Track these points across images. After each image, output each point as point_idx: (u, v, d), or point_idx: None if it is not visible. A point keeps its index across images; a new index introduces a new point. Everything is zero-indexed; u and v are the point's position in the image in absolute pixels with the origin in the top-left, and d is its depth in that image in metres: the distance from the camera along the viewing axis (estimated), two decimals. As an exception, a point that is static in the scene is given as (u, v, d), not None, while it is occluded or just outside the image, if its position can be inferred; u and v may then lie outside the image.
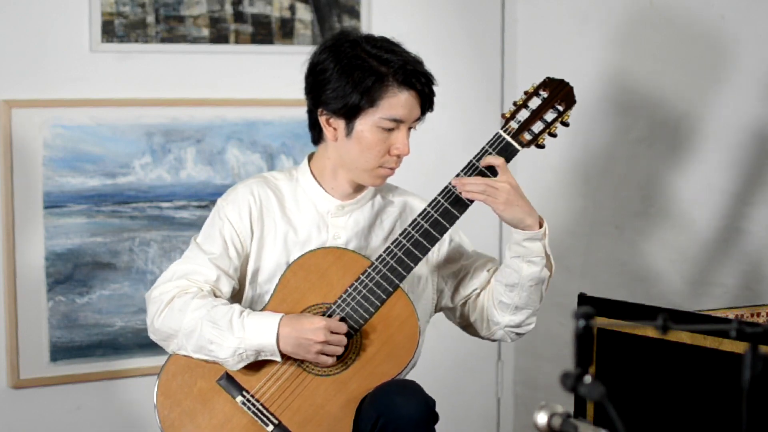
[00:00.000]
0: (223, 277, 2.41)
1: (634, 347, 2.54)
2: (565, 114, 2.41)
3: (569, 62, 3.63)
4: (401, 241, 2.35)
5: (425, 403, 2.32)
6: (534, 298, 2.43)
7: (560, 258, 3.69)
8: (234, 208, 2.45)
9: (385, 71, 2.33)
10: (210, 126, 3.36)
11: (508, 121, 2.39)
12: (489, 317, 2.49)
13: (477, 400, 3.87)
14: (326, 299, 2.37)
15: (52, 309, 3.20)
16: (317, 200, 2.47)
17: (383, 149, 2.37)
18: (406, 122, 2.37)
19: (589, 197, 3.59)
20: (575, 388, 1.49)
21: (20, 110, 3.14)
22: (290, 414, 2.35)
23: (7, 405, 3.18)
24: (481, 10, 3.78)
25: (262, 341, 2.30)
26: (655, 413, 2.51)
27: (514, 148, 2.39)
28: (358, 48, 2.36)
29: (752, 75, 3.08)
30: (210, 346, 2.32)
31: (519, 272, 2.39)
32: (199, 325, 2.32)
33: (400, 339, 2.36)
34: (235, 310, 2.33)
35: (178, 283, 2.40)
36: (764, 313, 2.70)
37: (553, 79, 2.41)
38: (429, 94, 2.39)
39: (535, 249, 2.37)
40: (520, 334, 2.51)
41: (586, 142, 3.60)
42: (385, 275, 2.34)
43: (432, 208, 2.35)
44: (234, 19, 3.38)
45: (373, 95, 2.32)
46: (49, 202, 3.19)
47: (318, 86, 2.39)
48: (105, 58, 3.24)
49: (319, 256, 2.39)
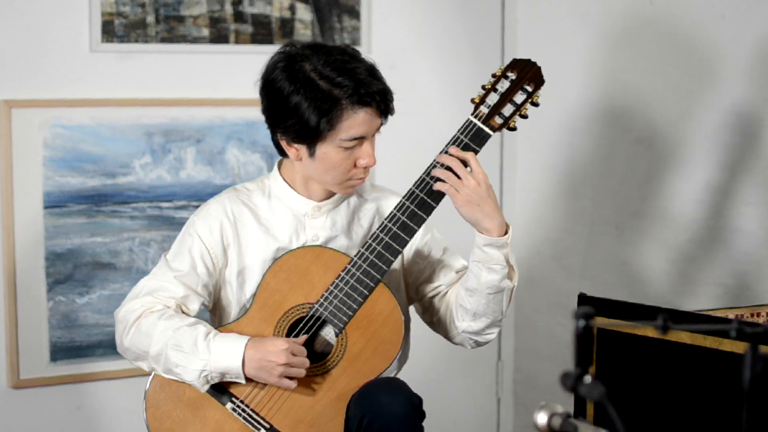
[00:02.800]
0: (191, 294, 2.40)
1: (634, 347, 2.54)
2: (535, 94, 2.38)
3: (569, 62, 3.63)
4: (379, 235, 2.34)
5: (410, 401, 2.31)
6: (493, 307, 2.39)
7: (560, 258, 3.71)
8: (205, 224, 2.43)
9: (338, 95, 2.28)
10: (210, 126, 3.36)
11: (477, 106, 2.37)
12: (451, 319, 2.46)
13: (477, 400, 3.87)
14: (308, 299, 2.36)
15: (52, 309, 3.20)
16: (292, 204, 2.45)
17: (349, 164, 2.35)
18: (368, 137, 2.35)
19: (589, 197, 3.59)
20: (575, 388, 1.49)
21: (20, 110, 3.14)
22: (281, 416, 2.35)
23: (7, 405, 3.18)
24: (481, 10, 3.78)
25: (228, 364, 2.29)
26: (655, 413, 2.51)
27: (486, 133, 2.36)
28: (308, 66, 2.31)
29: (752, 75, 3.08)
30: (176, 369, 2.32)
31: (478, 278, 2.36)
32: (164, 349, 2.32)
33: (386, 333, 2.35)
34: (199, 333, 2.31)
35: (144, 301, 2.39)
36: (764, 313, 2.70)
37: (519, 60, 2.39)
38: (387, 105, 2.35)
39: (495, 256, 2.33)
40: (480, 342, 2.47)
41: (586, 141, 3.60)
42: (366, 271, 2.33)
43: (407, 200, 2.34)
44: (234, 19, 3.38)
45: (331, 120, 2.29)
46: (49, 202, 3.19)
47: (273, 109, 2.36)
48: (105, 58, 3.24)
49: (298, 256, 2.38)
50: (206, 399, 2.36)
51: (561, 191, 3.69)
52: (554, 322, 3.69)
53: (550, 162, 3.72)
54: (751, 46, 3.07)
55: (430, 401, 3.76)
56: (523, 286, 3.83)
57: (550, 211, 3.73)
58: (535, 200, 3.77)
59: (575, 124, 3.63)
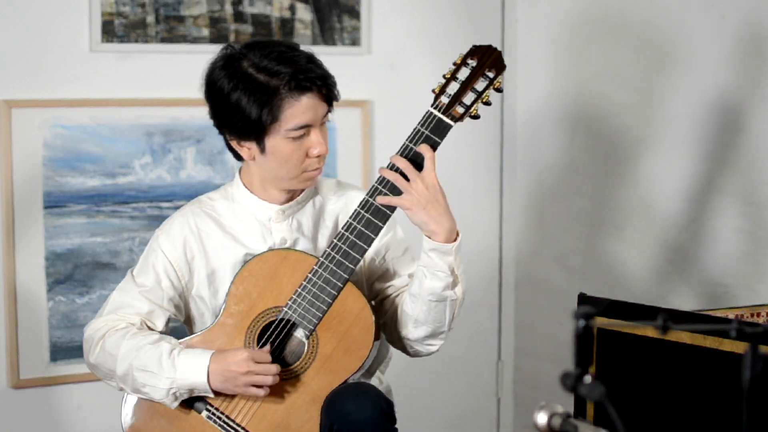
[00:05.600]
0: (156, 309, 2.41)
1: (634, 347, 2.54)
2: (496, 80, 2.33)
3: (569, 62, 3.64)
4: (344, 233, 2.31)
5: (378, 407, 2.27)
6: (434, 316, 2.34)
7: (560, 258, 3.72)
8: (168, 238, 2.43)
9: (276, 84, 2.26)
10: (210, 126, 3.30)
11: (438, 96, 2.32)
12: (395, 322, 2.42)
13: (477, 400, 3.87)
14: (278, 302, 2.35)
15: (52, 309, 3.20)
16: (256, 210, 2.43)
17: (301, 155, 2.33)
18: (315, 124, 2.33)
19: (588, 197, 3.59)
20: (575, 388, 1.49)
21: (20, 110, 3.14)
22: (256, 422, 2.34)
23: (7, 405, 3.18)
24: (481, 10, 3.78)
25: (194, 380, 2.30)
26: (655, 413, 2.51)
27: (447, 124, 2.31)
28: (245, 63, 2.30)
29: (753, 75, 3.08)
30: (144, 389, 2.33)
31: (421, 283, 2.32)
32: (129, 370, 2.32)
33: (356, 333, 2.33)
34: (163, 351, 2.31)
35: (108, 319, 2.40)
36: (764, 313, 2.70)
37: (479, 46, 2.35)
38: (329, 89, 2.32)
39: (439, 263, 2.29)
40: (420, 352, 2.43)
41: (586, 141, 3.60)
42: (333, 271, 2.31)
43: (371, 197, 2.31)
44: (234, 19, 3.38)
45: (272, 111, 2.27)
46: (49, 202, 3.19)
47: (217, 109, 2.35)
48: (105, 58, 3.24)
49: (265, 260, 2.37)
50: (183, 408, 2.36)
51: (561, 191, 3.69)
52: (554, 322, 3.69)
53: (551, 162, 3.72)
54: (751, 45, 3.07)
55: (430, 401, 3.78)
56: (523, 286, 3.85)
57: (550, 211, 3.73)
58: (536, 200, 3.77)
59: (575, 124, 3.63)
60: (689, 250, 3.26)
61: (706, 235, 3.21)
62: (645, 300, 3.14)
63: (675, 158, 3.29)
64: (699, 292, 3.22)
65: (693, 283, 3.25)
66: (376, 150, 3.60)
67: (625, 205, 3.47)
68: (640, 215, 3.41)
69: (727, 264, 3.16)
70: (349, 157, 3.55)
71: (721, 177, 3.17)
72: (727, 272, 3.15)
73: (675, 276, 3.31)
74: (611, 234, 3.52)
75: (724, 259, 3.17)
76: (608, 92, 3.53)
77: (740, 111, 3.12)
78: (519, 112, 3.82)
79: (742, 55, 3.10)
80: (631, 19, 3.43)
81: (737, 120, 3.12)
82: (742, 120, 3.11)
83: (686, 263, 3.27)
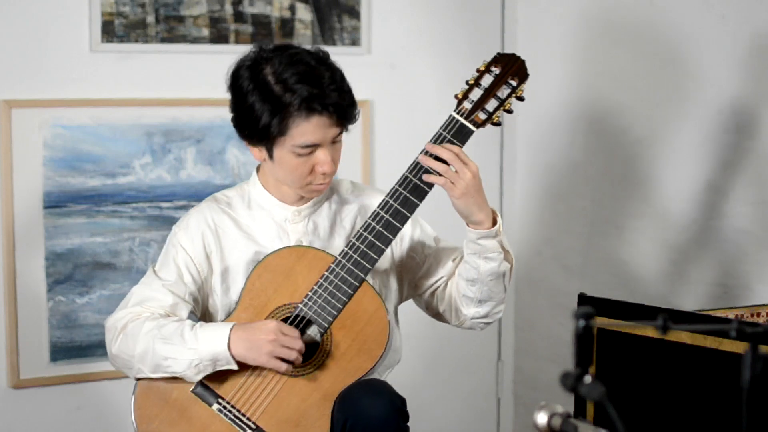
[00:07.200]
0: (180, 302, 2.40)
1: (634, 347, 2.54)
2: (519, 89, 2.36)
3: (569, 62, 3.64)
4: (363, 234, 2.32)
5: (391, 403, 2.29)
6: (496, 290, 2.41)
7: (560, 258, 3.72)
8: (187, 234, 2.44)
9: (288, 100, 2.26)
10: (210, 126, 3.36)
11: (461, 102, 2.34)
12: (456, 308, 2.47)
13: (477, 400, 3.87)
14: (293, 299, 2.36)
15: (52, 309, 3.20)
16: (272, 210, 2.44)
17: (307, 169, 2.34)
18: (323, 144, 2.33)
19: (588, 197, 3.59)
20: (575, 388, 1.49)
21: (20, 110, 3.14)
22: (267, 417, 2.34)
23: (7, 405, 3.18)
24: (481, 10, 3.78)
25: (215, 349, 2.28)
26: (655, 413, 2.51)
27: (469, 129, 2.33)
28: (268, 68, 2.30)
29: (752, 75, 3.08)
30: (165, 362, 2.31)
31: (477, 269, 2.37)
32: (151, 344, 2.31)
33: (371, 332, 2.34)
34: (186, 324, 2.32)
35: (132, 310, 2.39)
36: (764, 313, 2.71)
37: (504, 54, 2.37)
38: (344, 111, 2.31)
39: (491, 246, 2.34)
40: (489, 322, 2.50)
41: (586, 141, 3.60)
42: (350, 270, 2.32)
43: (391, 198, 2.32)
44: (234, 19, 3.38)
45: (281, 124, 2.28)
46: (49, 202, 3.19)
47: (235, 107, 2.37)
48: (105, 58, 3.24)
49: (282, 256, 2.37)
50: (193, 400, 2.35)
51: (561, 191, 3.69)
52: (554, 322, 3.69)
53: (550, 162, 3.72)
54: (751, 45, 3.08)
55: (429, 401, 3.78)
56: (523, 286, 3.85)
57: (550, 211, 3.73)
58: (536, 200, 3.77)
59: (575, 124, 3.63)
60: (689, 250, 3.26)
61: (706, 235, 3.21)
62: (645, 300, 3.14)
63: (675, 158, 3.29)
64: (699, 292, 3.22)
65: (693, 283, 3.25)
66: (376, 150, 3.60)
67: (625, 205, 3.47)
68: (640, 215, 3.41)
69: (727, 264, 3.16)
70: (349, 157, 3.54)
71: (721, 177, 3.17)
72: (727, 272, 3.15)
73: (675, 276, 3.31)
74: (611, 234, 3.52)
75: (724, 259, 3.17)
76: (608, 92, 3.53)
77: (740, 111, 3.12)
78: (519, 112, 3.82)
79: (742, 55, 3.10)
80: (631, 19, 3.43)
81: (737, 120, 3.12)
82: (742, 120, 3.11)
83: (686, 263, 3.27)
